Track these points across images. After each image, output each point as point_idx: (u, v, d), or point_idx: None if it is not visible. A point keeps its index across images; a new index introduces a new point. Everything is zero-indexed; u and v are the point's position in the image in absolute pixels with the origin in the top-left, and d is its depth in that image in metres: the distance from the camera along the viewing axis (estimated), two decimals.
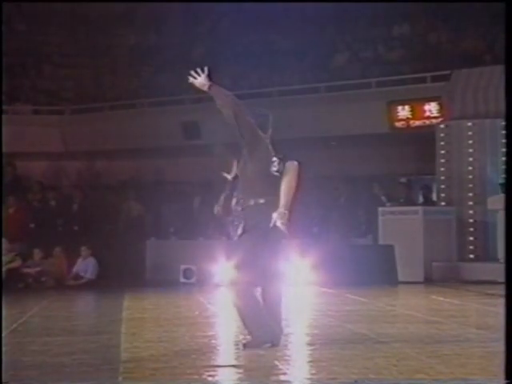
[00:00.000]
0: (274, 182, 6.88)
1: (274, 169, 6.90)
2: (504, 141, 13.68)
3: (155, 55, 21.35)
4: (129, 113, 19.78)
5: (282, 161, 6.95)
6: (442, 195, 15.89)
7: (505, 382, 4.51)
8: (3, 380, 4.97)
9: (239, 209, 6.93)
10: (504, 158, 13.79)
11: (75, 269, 16.31)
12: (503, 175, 13.84)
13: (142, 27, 22.00)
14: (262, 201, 6.85)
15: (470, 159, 15.56)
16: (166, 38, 21.61)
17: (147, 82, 20.77)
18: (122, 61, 21.67)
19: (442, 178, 15.89)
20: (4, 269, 15.81)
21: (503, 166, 14.22)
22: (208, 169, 19.24)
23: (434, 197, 16.58)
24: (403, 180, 17.81)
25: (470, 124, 15.67)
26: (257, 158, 6.92)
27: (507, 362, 4.53)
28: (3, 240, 16.25)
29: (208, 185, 17.31)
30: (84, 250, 16.39)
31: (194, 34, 21.23)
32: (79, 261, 16.39)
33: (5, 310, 11.58)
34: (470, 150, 15.57)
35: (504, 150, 13.74)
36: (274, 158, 6.93)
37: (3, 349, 7.28)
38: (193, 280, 15.66)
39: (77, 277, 16.23)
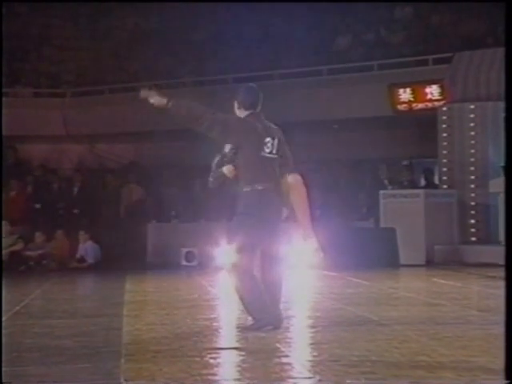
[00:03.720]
0: (270, 167, 6.76)
1: (267, 150, 6.75)
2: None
3: (156, 38, 21.28)
4: (130, 96, 19.69)
5: (278, 140, 6.79)
6: (444, 178, 15.88)
7: (505, 382, 4.51)
8: (4, 380, 4.99)
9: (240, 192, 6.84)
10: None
11: (79, 252, 16.37)
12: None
13: (143, 10, 21.91)
14: (259, 187, 6.73)
15: (472, 142, 15.53)
16: (167, 21, 21.53)
17: (148, 65, 20.72)
18: (122, 44, 21.61)
19: (444, 160, 15.86)
20: (6, 252, 15.84)
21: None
22: (209, 152, 19.25)
23: (436, 180, 16.57)
24: (405, 163, 17.78)
25: (472, 107, 15.63)
26: (246, 145, 6.75)
27: (507, 362, 4.54)
28: (5, 222, 16.27)
29: (209, 168, 17.24)
30: (82, 235, 16.42)
31: (195, 17, 21.15)
32: (80, 245, 16.45)
33: (7, 292, 11.63)
34: (472, 133, 15.54)
35: None
36: (267, 139, 6.78)
37: (5, 331, 7.30)
38: (194, 263, 15.69)
39: (81, 260, 16.27)
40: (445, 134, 15.87)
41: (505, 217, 5.11)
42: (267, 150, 6.77)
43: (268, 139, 6.78)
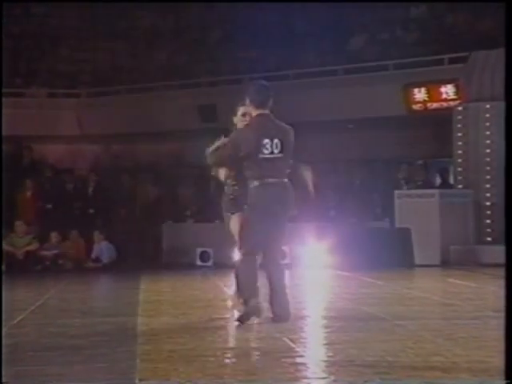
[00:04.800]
0: (274, 166, 6.96)
1: (266, 152, 6.95)
2: None
3: (172, 38, 21.32)
4: (145, 96, 19.77)
5: (280, 141, 6.98)
6: (459, 178, 15.83)
7: (505, 382, 4.50)
8: (4, 380, 5.01)
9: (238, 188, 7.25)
10: None
11: (94, 252, 16.43)
12: None
13: (160, 10, 21.95)
14: (269, 181, 6.96)
15: (488, 142, 15.47)
16: (183, 22, 21.56)
17: (164, 64, 20.75)
18: (138, 44, 21.65)
19: (459, 160, 15.81)
20: (21, 251, 15.92)
21: None
22: None
23: (451, 180, 16.52)
24: (420, 163, 17.75)
25: (487, 106, 15.57)
26: (245, 151, 7.02)
27: (507, 362, 4.52)
28: (20, 222, 16.35)
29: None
30: (97, 235, 16.49)
31: (211, 17, 21.17)
32: (95, 245, 16.51)
33: (23, 291, 11.70)
34: (488, 133, 15.48)
35: None
36: (266, 141, 6.97)
37: (21, 330, 7.34)
38: (209, 263, 15.71)
39: (96, 260, 16.34)
40: (460, 134, 15.82)
41: (505, 217, 5.10)
42: (266, 152, 6.97)
43: (266, 141, 6.97)
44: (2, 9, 13.31)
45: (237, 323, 7.12)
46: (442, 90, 17.01)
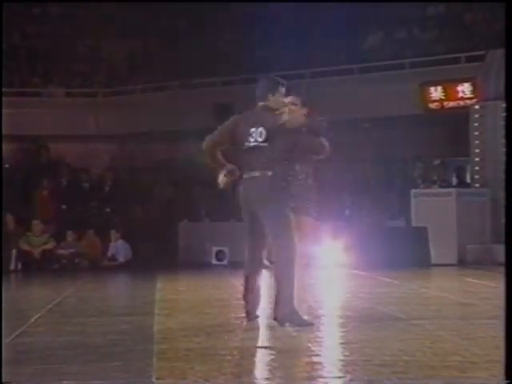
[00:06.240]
0: (260, 156, 6.93)
1: (251, 139, 6.98)
2: None
3: (187, 38, 21.34)
4: (161, 95, 19.80)
5: (265, 128, 6.93)
6: (476, 177, 15.78)
7: (505, 382, 4.48)
8: (4, 380, 5.02)
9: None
10: None
11: (110, 251, 16.48)
12: None
13: (175, 9, 21.98)
14: (252, 174, 7.00)
15: (505, 140, 15.40)
16: (198, 22, 21.57)
17: (180, 64, 20.78)
18: (154, 43, 21.69)
19: (476, 159, 15.76)
20: (38, 250, 16.00)
21: None
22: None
23: (468, 178, 16.46)
24: (437, 162, 17.70)
25: (504, 105, 15.50)
26: (236, 141, 7.18)
27: (507, 362, 4.50)
28: (37, 221, 16.43)
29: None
30: (113, 234, 16.54)
31: (225, 17, 21.17)
32: (111, 244, 16.57)
33: (40, 290, 11.74)
34: (504, 131, 15.41)
35: None
36: (252, 129, 7.00)
37: (38, 329, 7.37)
38: (225, 262, 15.72)
39: (112, 258, 16.39)
40: (477, 133, 15.77)
41: (505, 217, 5.08)
42: (251, 140, 7.03)
43: (253, 129, 7.04)
44: (2, 9, 13.36)
45: (246, 321, 7.15)
46: (459, 88, 16.96)
